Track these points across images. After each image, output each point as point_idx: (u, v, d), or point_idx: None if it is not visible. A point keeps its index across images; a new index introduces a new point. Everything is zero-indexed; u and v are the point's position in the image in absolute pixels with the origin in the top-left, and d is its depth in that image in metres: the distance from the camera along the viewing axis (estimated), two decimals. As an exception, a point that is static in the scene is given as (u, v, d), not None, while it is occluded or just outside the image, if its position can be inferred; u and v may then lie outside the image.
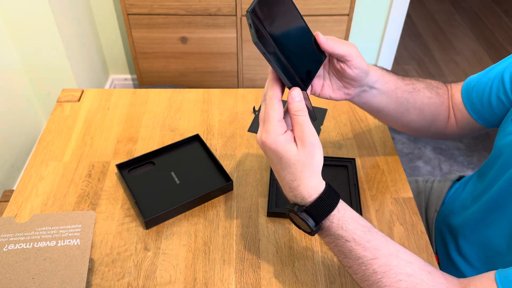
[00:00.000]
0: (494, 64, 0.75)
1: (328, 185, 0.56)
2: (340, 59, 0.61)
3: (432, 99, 0.75)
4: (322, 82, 0.66)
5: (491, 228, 0.71)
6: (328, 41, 0.59)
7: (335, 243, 0.56)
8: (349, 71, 0.62)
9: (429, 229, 0.89)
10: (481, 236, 0.73)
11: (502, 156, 0.69)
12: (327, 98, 0.67)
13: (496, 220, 0.69)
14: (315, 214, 0.54)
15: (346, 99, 0.68)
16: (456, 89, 0.78)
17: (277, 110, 0.52)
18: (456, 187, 0.91)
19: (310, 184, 0.54)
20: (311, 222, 0.55)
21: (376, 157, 0.87)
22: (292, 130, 0.53)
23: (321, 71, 0.65)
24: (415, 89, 0.74)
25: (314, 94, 0.66)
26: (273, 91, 0.53)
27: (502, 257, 0.68)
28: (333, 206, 0.55)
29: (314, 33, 0.59)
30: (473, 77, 0.77)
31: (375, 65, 0.70)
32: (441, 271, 0.56)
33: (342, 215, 0.55)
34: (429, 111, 0.75)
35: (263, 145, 0.54)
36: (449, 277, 0.56)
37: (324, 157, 0.84)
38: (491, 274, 0.53)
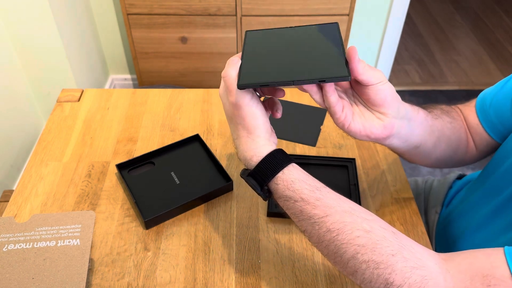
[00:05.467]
0: (508, 76, 0.69)
1: (276, 150, 0.56)
2: (368, 83, 0.54)
3: (452, 123, 0.70)
4: (352, 112, 0.57)
5: (495, 232, 0.68)
6: (360, 63, 0.53)
7: (286, 206, 0.55)
8: (376, 96, 0.55)
9: (429, 231, 0.88)
10: (484, 240, 0.70)
11: (509, 161, 0.66)
12: (361, 134, 0.57)
13: (503, 228, 0.67)
14: (259, 177, 0.55)
15: (387, 136, 0.58)
16: (469, 111, 0.73)
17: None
18: (457, 188, 0.90)
19: (248, 145, 0.56)
20: (257, 188, 0.56)
21: (376, 157, 0.87)
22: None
23: (347, 99, 0.58)
24: (437, 116, 0.68)
25: (342, 127, 0.57)
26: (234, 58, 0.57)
27: None
28: (277, 168, 0.54)
29: (349, 48, 0.54)
30: (486, 94, 0.71)
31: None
32: (411, 240, 0.51)
33: (287, 176, 0.54)
34: (454, 136, 0.70)
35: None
36: (420, 244, 0.52)
37: (324, 157, 0.85)
38: (498, 249, 0.49)
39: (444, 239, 0.83)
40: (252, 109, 0.55)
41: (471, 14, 2.98)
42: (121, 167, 0.81)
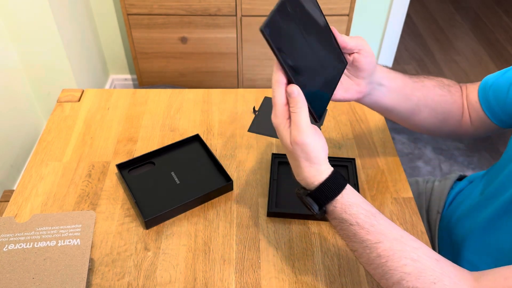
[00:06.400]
0: None
1: (334, 171, 0.58)
2: (353, 51, 0.64)
3: (443, 96, 0.75)
4: None
5: (502, 232, 0.69)
6: (341, 36, 0.63)
7: (340, 226, 0.58)
8: (362, 59, 0.64)
9: (431, 231, 0.88)
10: (491, 240, 0.71)
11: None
12: (340, 100, 0.67)
13: (508, 224, 0.67)
14: (318, 199, 0.57)
15: (358, 98, 0.69)
16: (473, 88, 0.78)
17: (281, 94, 0.55)
18: (459, 188, 0.90)
19: (311, 173, 0.57)
20: (314, 207, 0.58)
21: (376, 157, 0.87)
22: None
23: None
24: (425, 86, 0.74)
25: None
26: (278, 76, 0.55)
27: (508, 260, 0.67)
28: (336, 191, 0.56)
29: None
30: (490, 76, 0.77)
31: (381, 65, 0.71)
32: (450, 261, 0.56)
33: (345, 200, 0.57)
34: (441, 109, 0.75)
35: (273, 125, 0.58)
36: (458, 267, 0.55)
37: (324, 157, 0.85)
38: None
39: (448, 240, 0.82)
40: (316, 143, 0.56)
41: (471, 14, 2.98)
42: (121, 167, 0.81)
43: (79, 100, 0.98)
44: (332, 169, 0.58)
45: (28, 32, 1.59)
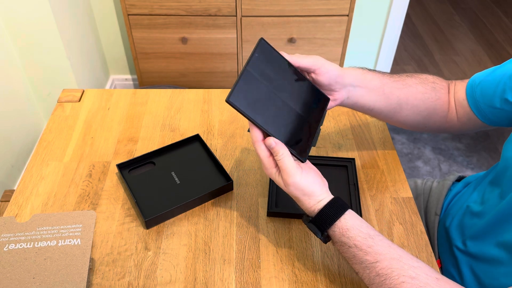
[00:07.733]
0: (502, 63, 0.75)
1: (334, 199, 0.62)
2: (309, 71, 0.67)
3: (426, 94, 0.76)
4: None
5: (500, 239, 0.68)
6: (292, 57, 0.65)
7: (341, 249, 0.61)
8: (320, 78, 0.67)
9: (430, 234, 0.88)
10: (489, 247, 0.70)
11: (510, 168, 0.68)
12: None
13: (506, 231, 0.67)
14: (319, 224, 0.61)
15: (337, 105, 0.72)
16: (461, 85, 0.78)
17: (262, 149, 0.61)
18: (456, 190, 0.90)
19: (310, 204, 0.62)
20: (318, 232, 0.62)
21: (376, 157, 0.87)
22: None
23: None
24: (406, 85, 0.75)
25: None
26: (254, 135, 0.61)
27: (505, 267, 0.67)
28: (334, 217, 0.60)
29: (279, 52, 0.64)
30: (479, 74, 0.77)
31: (358, 67, 0.73)
32: (452, 281, 0.57)
33: (343, 224, 0.60)
34: (423, 106, 0.76)
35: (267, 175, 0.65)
36: (460, 287, 0.56)
37: (324, 157, 0.85)
38: None
39: (446, 244, 0.82)
40: (306, 179, 0.61)
41: (470, 15, 2.98)
42: (121, 167, 0.81)
43: (79, 100, 0.99)
44: (331, 197, 0.62)
45: (29, 32, 1.59)
